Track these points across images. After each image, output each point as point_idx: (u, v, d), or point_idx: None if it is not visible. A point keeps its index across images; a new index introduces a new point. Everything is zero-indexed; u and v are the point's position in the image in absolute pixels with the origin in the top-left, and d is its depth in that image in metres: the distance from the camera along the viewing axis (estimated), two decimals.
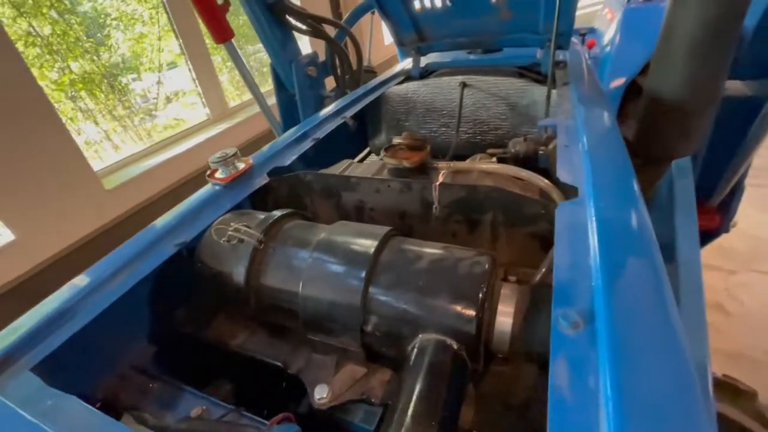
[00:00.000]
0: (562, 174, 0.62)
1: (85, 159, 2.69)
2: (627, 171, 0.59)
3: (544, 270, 0.57)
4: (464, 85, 1.12)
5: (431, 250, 0.53)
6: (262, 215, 0.65)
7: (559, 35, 1.12)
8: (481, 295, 0.46)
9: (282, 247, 0.58)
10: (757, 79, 1.03)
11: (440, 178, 0.64)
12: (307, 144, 0.92)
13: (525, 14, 1.09)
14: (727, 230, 1.23)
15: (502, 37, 1.20)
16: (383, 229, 0.57)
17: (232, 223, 0.60)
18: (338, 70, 1.64)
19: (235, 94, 4.52)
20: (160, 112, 3.73)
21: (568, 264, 0.45)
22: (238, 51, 1.53)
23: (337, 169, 0.82)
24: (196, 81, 3.84)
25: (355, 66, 1.61)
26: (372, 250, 0.52)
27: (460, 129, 1.18)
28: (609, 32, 2.16)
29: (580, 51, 1.32)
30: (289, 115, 1.70)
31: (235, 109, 4.33)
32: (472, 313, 0.46)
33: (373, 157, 1.38)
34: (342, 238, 0.56)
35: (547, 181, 0.62)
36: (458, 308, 0.47)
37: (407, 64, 1.50)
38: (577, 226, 0.51)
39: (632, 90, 2.08)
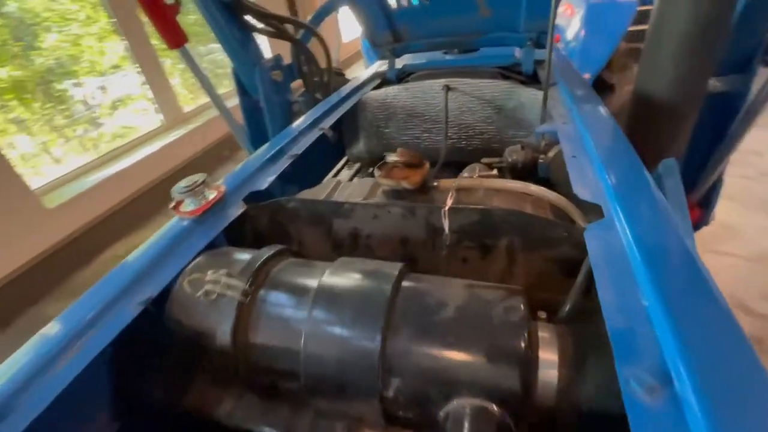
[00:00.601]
0: (580, 190, 0.57)
1: (19, 176, 2.40)
2: (647, 184, 0.55)
3: (573, 301, 0.52)
4: (448, 88, 1.05)
5: (453, 290, 0.46)
6: (244, 255, 0.55)
7: (541, 33, 1.08)
8: (523, 345, 0.40)
9: (274, 296, 0.49)
10: (730, 75, 1.03)
11: (449, 201, 0.56)
12: (285, 162, 0.82)
13: (505, 12, 1.05)
14: (707, 223, 1.26)
15: (480, 36, 1.14)
16: (394, 267, 0.49)
17: (209, 271, 0.50)
18: (306, 74, 1.53)
19: (189, 98, 4.24)
20: (106, 119, 3.42)
21: (616, 305, 0.40)
22: (191, 55, 1.38)
23: (322, 190, 0.73)
24: (146, 85, 3.56)
25: (324, 68, 1.50)
26: (386, 295, 0.44)
27: (445, 133, 1.11)
28: (572, 27, 2.18)
29: (558, 48, 1.30)
30: (255, 122, 1.57)
31: (190, 113, 4.06)
32: (515, 368, 0.39)
33: (350, 171, 1.29)
34: (347, 280, 0.48)
35: (565, 199, 0.57)
36: (498, 364, 0.40)
37: (380, 66, 1.42)
38: (614, 254, 0.45)
39: (597, 86, 2.11)
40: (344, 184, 0.73)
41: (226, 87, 4.40)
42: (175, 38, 1.17)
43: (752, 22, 0.86)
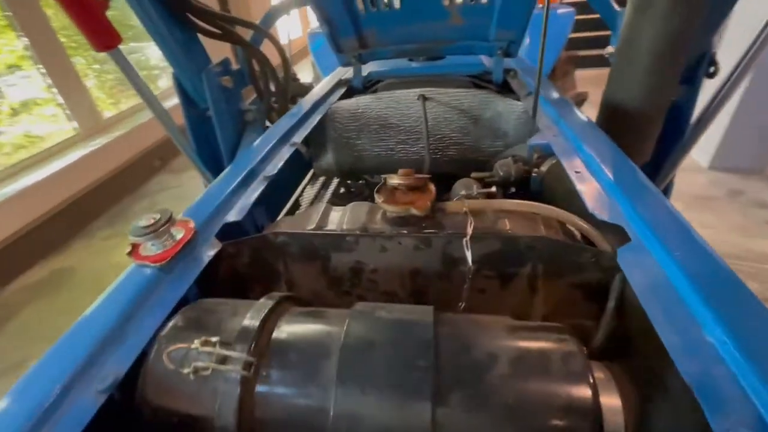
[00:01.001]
0: (597, 210, 0.54)
1: None
2: (664, 202, 0.54)
3: (606, 329, 0.49)
4: (424, 98, 1.01)
5: (499, 337, 0.41)
6: (234, 310, 0.45)
7: (511, 42, 1.08)
8: (590, 396, 0.36)
9: (285, 364, 0.40)
10: (679, 86, 1.10)
11: (469, 230, 0.51)
12: (259, 185, 0.71)
13: (477, 21, 1.02)
14: None
15: (450, 44, 1.11)
16: (426, 313, 0.42)
17: (195, 339, 0.40)
18: (259, 80, 1.40)
19: (109, 102, 3.78)
20: (4, 127, 2.91)
21: (682, 344, 0.37)
22: (125, 56, 1.19)
23: (308, 217, 0.64)
24: (54, 88, 3.09)
25: (281, 74, 1.38)
26: (429, 353, 0.37)
27: (420, 145, 1.07)
28: None
29: (523, 58, 1.32)
30: (202, 134, 1.40)
31: (112, 120, 3.61)
32: (586, 423, 0.35)
33: (316, 185, 1.19)
34: (375, 335, 0.40)
35: (584, 221, 0.54)
36: (568, 421, 0.35)
37: (344, 73, 1.34)
38: (657, 282, 0.43)
39: None
40: (335, 210, 0.65)
41: (154, 90, 3.99)
42: (106, 38, 0.99)
43: (698, 37, 0.91)
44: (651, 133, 0.94)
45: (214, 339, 0.39)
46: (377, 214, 0.61)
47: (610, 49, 1.20)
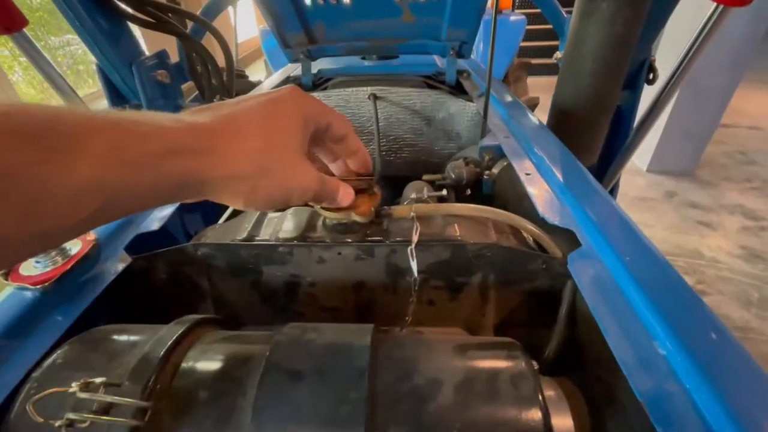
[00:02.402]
0: (548, 214, 0.52)
1: None
2: (611, 204, 0.53)
3: (558, 339, 0.46)
4: (375, 97, 0.96)
5: (443, 357, 0.36)
6: (134, 339, 0.37)
7: (463, 43, 1.06)
8: (541, 419, 0.32)
9: (191, 405, 0.33)
10: (622, 91, 1.13)
11: (415, 237, 0.46)
12: None
13: (428, 19, 1.00)
14: None
15: (402, 42, 1.08)
16: (363, 334, 0.37)
17: (72, 382, 0.32)
18: (200, 75, 1.29)
19: (38, 99, 3.42)
20: None
21: (634, 356, 0.34)
22: (35, 44, 1.04)
23: (240, 224, 0.57)
24: None
25: (223, 69, 1.29)
26: (362, 381, 0.32)
27: (372, 146, 1.02)
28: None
29: (476, 60, 1.31)
30: None
31: None
32: None
33: None
34: (301, 364, 0.34)
35: (536, 226, 0.51)
36: None
37: (292, 69, 1.27)
38: (607, 290, 0.41)
39: None
40: (271, 217, 0.58)
41: (91, 87, 3.68)
42: (7, 19, 0.85)
43: (638, 44, 0.94)
44: (598, 136, 0.95)
45: (98, 380, 0.32)
46: (318, 222, 0.55)
47: (558, 55, 1.23)
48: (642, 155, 3.23)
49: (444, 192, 0.65)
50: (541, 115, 1.03)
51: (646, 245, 0.44)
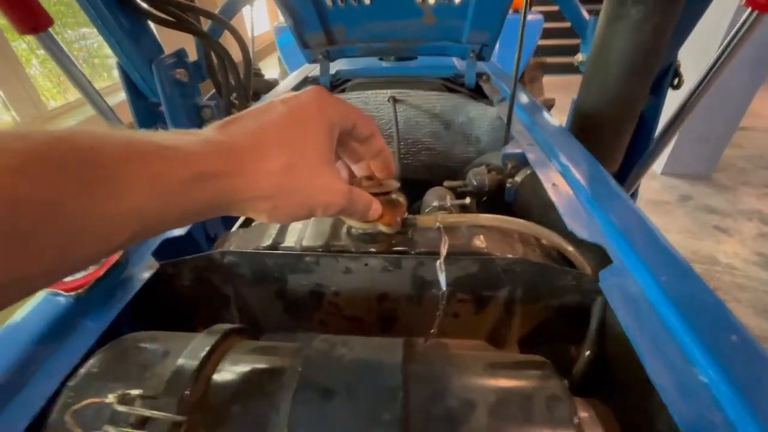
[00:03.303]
0: (576, 228, 0.51)
1: None
2: (643, 219, 0.52)
3: (585, 360, 0.46)
4: (395, 99, 0.95)
5: (475, 378, 0.36)
6: (165, 349, 0.38)
7: (484, 46, 1.04)
8: None
9: (225, 419, 0.33)
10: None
11: (443, 250, 0.46)
12: None
13: (450, 21, 0.98)
14: None
15: (421, 44, 1.07)
16: (394, 350, 0.37)
17: (111, 392, 0.32)
18: (218, 74, 1.29)
19: (55, 92, 3.47)
20: None
21: (673, 385, 0.33)
22: (59, 42, 1.05)
23: (263, 231, 0.57)
24: None
25: (241, 69, 1.29)
26: (395, 402, 0.32)
27: (392, 149, 1.02)
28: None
29: (495, 63, 1.30)
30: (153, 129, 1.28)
31: (57, 111, 3.32)
32: None
33: None
34: (333, 381, 0.34)
35: (565, 240, 0.51)
36: None
37: (310, 70, 1.26)
38: (643, 312, 0.40)
39: None
40: (294, 223, 0.58)
41: (106, 80, 3.72)
42: (33, 20, 0.86)
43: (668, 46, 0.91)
44: (621, 143, 0.94)
45: (134, 392, 0.32)
46: (342, 230, 0.55)
47: (579, 57, 1.20)
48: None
49: (467, 200, 0.64)
50: (558, 117, 1.01)
51: (681, 263, 0.43)
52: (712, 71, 0.87)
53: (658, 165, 3.18)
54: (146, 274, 0.48)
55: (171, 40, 1.15)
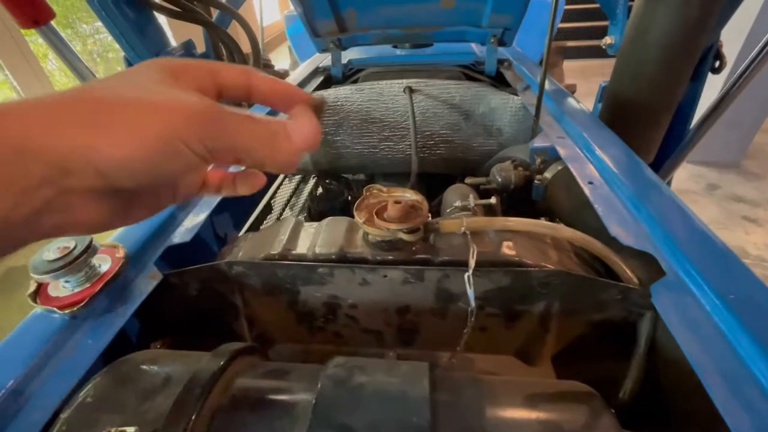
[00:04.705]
0: (620, 234, 0.46)
1: None
2: (696, 222, 0.46)
3: (632, 383, 0.41)
4: (411, 90, 0.90)
5: (511, 415, 0.31)
6: (170, 371, 0.34)
7: (506, 30, 0.97)
8: None
9: None
10: None
11: (472, 262, 0.41)
12: (209, 202, 0.60)
13: (469, 4, 0.92)
14: None
15: (438, 29, 1.00)
16: (418, 378, 0.32)
17: (102, 426, 0.29)
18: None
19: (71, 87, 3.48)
20: None
21: (749, 424, 0.28)
22: (61, 35, 1.02)
23: (274, 237, 0.52)
24: (6, 70, 2.82)
25: (251, 60, 1.24)
26: None
27: (406, 143, 0.96)
28: None
29: (515, 48, 1.22)
30: None
31: None
32: None
33: (291, 184, 1.07)
34: (353, 418, 0.30)
35: (608, 249, 0.45)
36: None
37: (321, 60, 1.21)
38: (707, 334, 0.34)
39: None
40: (307, 227, 0.54)
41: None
42: (35, 13, 0.83)
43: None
44: (658, 133, 0.86)
45: (130, 430, 0.29)
46: (358, 235, 0.50)
47: (608, 39, 1.12)
48: None
49: (493, 200, 0.59)
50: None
51: (751, 279, 0.37)
52: (761, 56, 0.79)
53: None
54: (149, 286, 0.44)
55: (181, 33, 1.11)
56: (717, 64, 0.95)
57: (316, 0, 0.92)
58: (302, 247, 0.50)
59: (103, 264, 0.43)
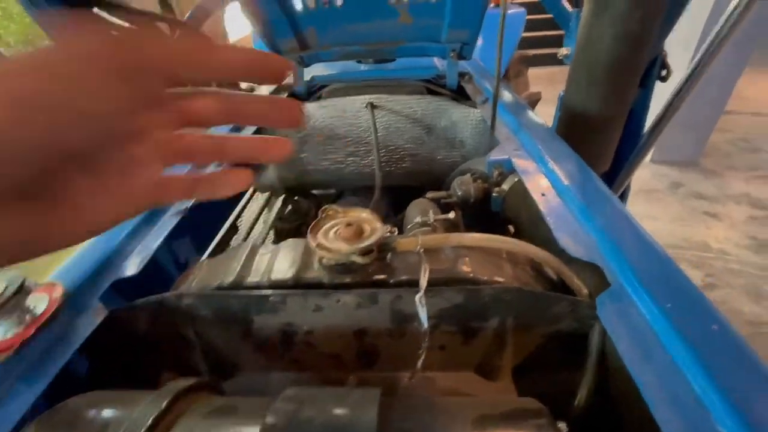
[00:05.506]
0: (569, 245, 0.47)
1: None
2: (642, 233, 0.47)
3: (585, 392, 0.41)
4: (372, 105, 0.90)
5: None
6: (110, 417, 0.32)
7: (464, 44, 1.00)
8: None
9: None
10: None
11: (423, 282, 0.41)
12: (169, 223, 0.58)
13: (427, 21, 0.93)
14: None
15: (399, 45, 1.02)
16: (368, 406, 0.32)
17: None
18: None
19: None
20: None
21: (683, 426, 0.29)
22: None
23: (228, 264, 0.51)
24: None
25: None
26: None
27: (372, 158, 0.97)
28: None
29: (477, 60, 1.25)
30: None
31: None
32: None
33: (259, 203, 1.06)
34: None
35: (558, 261, 0.46)
36: None
37: (285, 77, 1.21)
38: (647, 345, 0.35)
39: None
40: (262, 252, 0.53)
41: None
42: None
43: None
44: (612, 140, 0.90)
45: None
46: (315, 258, 0.50)
47: (564, 50, 1.16)
48: None
49: (452, 215, 0.60)
50: (544, 110, 0.96)
51: (689, 287, 0.39)
52: (703, 61, 0.84)
53: (649, 152, 3.17)
54: (93, 324, 0.42)
55: None
56: (664, 72, 1.00)
57: (276, 19, 0.92)
58: (256, 274, 0.49)
59: (39, 304, 0.41)
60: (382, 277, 0.46)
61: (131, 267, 0.50)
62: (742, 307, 2.05)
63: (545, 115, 0.92)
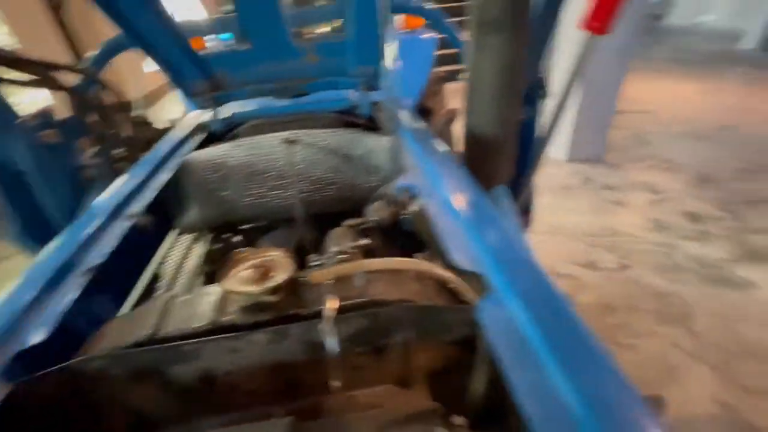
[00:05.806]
0: (460, 258, 0.54)
1: None
2: (518, 240, 0.56)
3: (479, 390, 0.48)
4: (289, 142, 0.94)
5: None
6: None
7: (372, 78, 1.08)
8: None
9: None
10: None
11: (328, 310, 0.45)
12: (77, 284, 0.57)
13: (332, 58, 1.00)
14: (530, 224, 1.49)
15: (311, 81, 1.07)
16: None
17: None
18: (96, 128, 1.18)
19: None
20: None
21: (541, 414, 0.36)
22: None
23: (144, 318, 0.52)
24: None
25: (127, 114, 1.19)
26: None
27: (295, 189, 1.00)
28: (389, 60, 2.35)
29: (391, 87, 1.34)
30: (23, 204, 1.12)
31: None
32: None
33: (186, 244, 1.04)
34: None
35: (450, 273, 0.53)
36: None
37: (201, 116, 1.20)
38: (516, 345, 0.42)
39: (419, 111, 2.31)
40: (179, 301, 0.54)
41: None
42: None
43: (528, 67, 1.02)
44: (509, 153, 1.02)
45: None
46: (230, 302, 0.52)
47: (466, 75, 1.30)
48: (562, 148, 3.51)
49: (367, 241, 0.65)
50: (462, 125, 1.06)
51: (551, 290, 0.47)
52: (570, 84, 0.99)
53: (565, 153, 3.52)
54: None
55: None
56: (542, 92, 1.16)
57: (182, 64, 0.93)
58: (173, 325, 0.50)
59: None
60: (295, 311, 0.49)
61: (38, 334, 0.48)
62: (650, 281, 2.32)
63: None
